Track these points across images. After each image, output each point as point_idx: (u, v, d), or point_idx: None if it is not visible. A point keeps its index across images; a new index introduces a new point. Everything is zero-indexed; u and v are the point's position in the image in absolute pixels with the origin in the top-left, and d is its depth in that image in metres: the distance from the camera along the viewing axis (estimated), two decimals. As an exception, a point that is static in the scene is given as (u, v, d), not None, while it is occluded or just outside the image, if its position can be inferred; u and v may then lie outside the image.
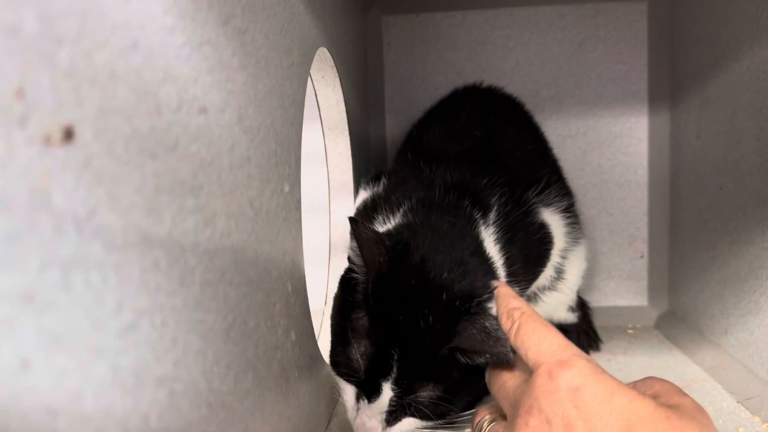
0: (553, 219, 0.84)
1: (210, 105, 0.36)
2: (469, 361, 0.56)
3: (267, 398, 0.45)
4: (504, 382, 0.52)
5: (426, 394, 0.58)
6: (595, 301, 1.11)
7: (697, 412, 0.45)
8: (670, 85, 1.09)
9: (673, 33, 1.07)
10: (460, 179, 0.73)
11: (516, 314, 0.54)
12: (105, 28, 0.26)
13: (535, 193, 0.81)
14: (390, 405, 0.59)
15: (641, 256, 1.15)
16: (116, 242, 0.26)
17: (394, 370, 0.57)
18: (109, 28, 0.26)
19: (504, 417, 0.55)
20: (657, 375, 0.85)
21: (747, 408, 0.74)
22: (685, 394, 0.47)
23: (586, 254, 0.96)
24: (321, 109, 0.85)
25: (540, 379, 0.47)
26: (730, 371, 0.82)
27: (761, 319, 0.76)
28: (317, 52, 0.72)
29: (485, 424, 0.55)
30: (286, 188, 0.52)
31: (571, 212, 0.90)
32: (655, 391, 0.48)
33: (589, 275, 1.02)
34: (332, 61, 0.77)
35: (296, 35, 0.56)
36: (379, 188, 0.81)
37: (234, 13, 0.40)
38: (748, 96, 0.80)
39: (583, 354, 0.49)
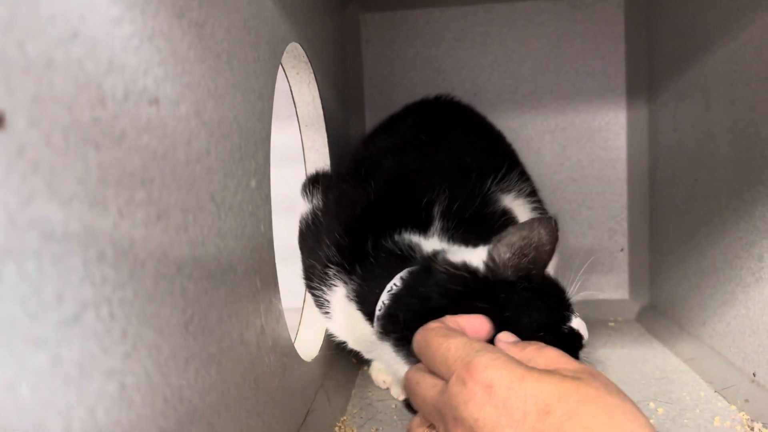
0: (516, 204, 0.84)
1: (163, 97, 0.36)
2: None
3: (233, 394, 0.45)
4: (423, 398, 0.51)
5: None
6: (576, 295, 1.11)
7: (597, 374, 0.47)
8: (647, 79, 1.09)
9: (649, 27, 1.07)
10: (395, 206, 0.70)
11: (419, 336, 0.55)
12: (39, 19, 0.26)
13: (495, 182, 0.80)
14: None
15: (621, 250, 1.15)
16: (56, 233, 0.26)
17: None
18: (44, 18, 0.26)
19: None
20: (637, 368, 0.86)
21: (724, 397, 0.75)
22: (576, 361, 0.49)
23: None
24: (297, 105, 0.85)
25: (455, 388, 0.47)
26: (708, 361, 0.83)
27: (737, 310, 0.77)
28: (289, 48, 0.71)
29: None
30: (253, 183, 0.52)
31: (535, 196, 0.90)
32: (545, 365, 0.48)
33: (570, 269, 1.02)
34: (306, 58, 0.77)
35: (263, 30, 0.56)
36: (317, 200, 0.78)
37: (190, 6, 0.40)
38: (721, 88, 0.80)
39: (487, 347, 0.49)
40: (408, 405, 0.76)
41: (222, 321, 0.43)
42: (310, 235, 0.76)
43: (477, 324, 0.56)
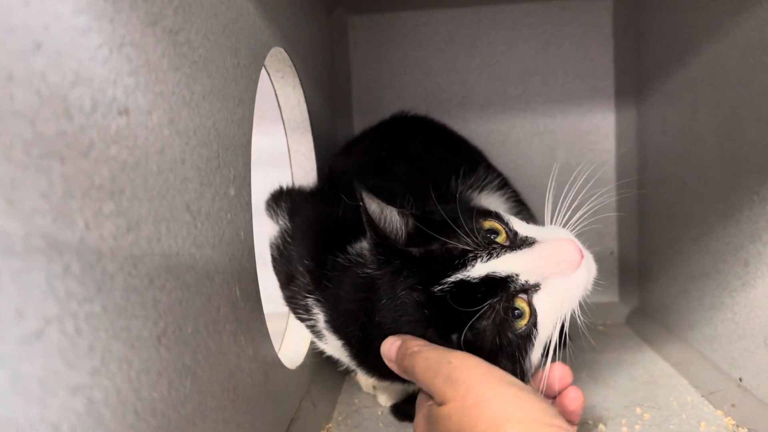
0: (489, 201, 0.83)
1: (133, 107, 0.35)
2: None
3: (210, 405, 0.44)
4: None
5: None
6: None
7: (453, 377, 0.50)
8: (635, 81, 1.09)
9: (637, 29, 1.07)
10: (356, 222, 0.66)
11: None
12: (-1, 30, 0.25)
13: (461, 180, 0.79)
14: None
15: (611, 253, 1.15)
16: (16, 248, 0.25)
17: None
18: (4, 30, 0.25)
19: None
20: (625, 372, 0.86)
21: (710, 402, 0.75)
22: (439, 361, 0.51)
23: None
24: (282, 109, 0.84)
25: None
26: (696, 366, 0.83)
27: (724, 314, 0.77)
28: (273, 52, 0.71)
29: None
30: (232, 191, 0.52)
31: (505, 188, 0.89)
32: (419, 380, 0.53)
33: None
34: (290, 61, 0.77)
35: (243, 35, 0.56)
36: (285, 222, 0.75)
37: (164, 14, 0.40)
38: (708, 91, 0.80)
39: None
40: (395, 412, 0.76)
41: (198, 331, 0.43)
42: (283, 261, 0.74)
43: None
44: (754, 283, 0.69)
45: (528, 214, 0.92)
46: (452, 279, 0.54)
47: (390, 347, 0.55)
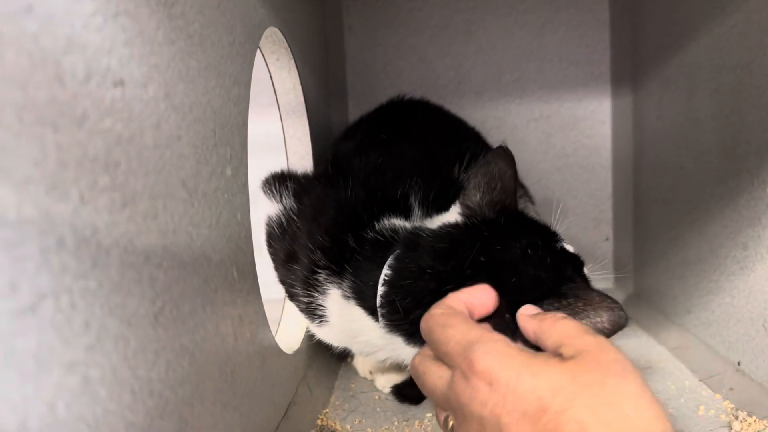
0: None
1: (128, 78, 0.34)
2: None
3: (208, 387, 0.43)
4: (432, 389, 0.49)
5: None
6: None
7: (601, 352, 0.43)
8: (632, 67, 1.08)
9: (634, 14, 1.06)
10: (371, 199, 0.68)
11: (423, 325, 0.52)
12: (-12, -11, 0.24)
13: (463, 168, 0.79)
14: None
15: (606, 239, 1.15)
16: (8, 218, 0.24)
17: None
18: (-6, -11, 0.24)
19: None
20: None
21: (709, 386, 0.74)
22: (588, 332, 0.45)
23: None
24: (278, 93, 0.83)
25: (460, 385, 0.44)
26: (693, 350, 0.83)
27: (721, 298, 0.76)
28: (268, 33, 0.70)
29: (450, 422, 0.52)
30: (229, 171, 0.51)
31: None
32: (556, 338, 0.45)
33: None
34: (286, 43, 0.75)
35: (238, 12, 0.55)
36: (290, 202, 0.75)
37: (158, -15, 0.39)
38: (706, 75, 0.80)
39: (484, 336, 0.46)
40: (396, 393, 0.75)
41: (195, 312, 0.42)
42: (285, 239, 0.73)
43: (481, 295, 0.53)
44: (753, 266, 0.69)
45: (526, 198, 0.92)
46: (564, 244, 0.62)
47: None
